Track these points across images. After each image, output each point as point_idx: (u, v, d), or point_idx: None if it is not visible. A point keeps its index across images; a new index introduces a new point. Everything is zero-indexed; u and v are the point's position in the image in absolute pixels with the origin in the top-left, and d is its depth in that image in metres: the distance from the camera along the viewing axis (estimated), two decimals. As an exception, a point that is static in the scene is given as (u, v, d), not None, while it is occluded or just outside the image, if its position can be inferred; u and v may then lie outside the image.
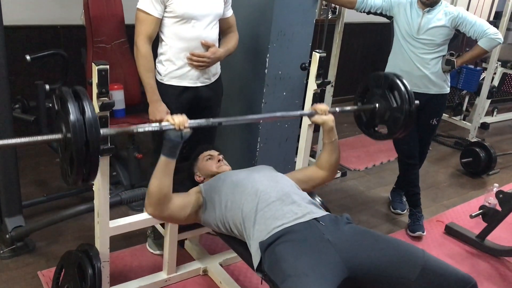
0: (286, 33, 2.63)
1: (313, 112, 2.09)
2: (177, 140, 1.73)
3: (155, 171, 1.79)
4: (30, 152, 3.58)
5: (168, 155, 1.76)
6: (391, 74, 2.19)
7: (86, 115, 1.41)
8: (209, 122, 1.89)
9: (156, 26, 2.28)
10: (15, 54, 3.35)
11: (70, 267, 2.06)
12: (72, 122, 1.38)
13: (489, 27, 2.81)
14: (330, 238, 1.70)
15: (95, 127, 1.42)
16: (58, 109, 1.49)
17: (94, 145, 1.41)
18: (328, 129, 2.09)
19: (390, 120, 2.16)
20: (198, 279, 2.48)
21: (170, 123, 1.72)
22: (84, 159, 1.41)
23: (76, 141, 1.38)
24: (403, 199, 3.42)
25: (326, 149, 2.10)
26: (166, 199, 1.81)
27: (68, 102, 1.40)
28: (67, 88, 1.47)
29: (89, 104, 1.43)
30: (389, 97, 2.15)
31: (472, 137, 4.74)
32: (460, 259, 2.90)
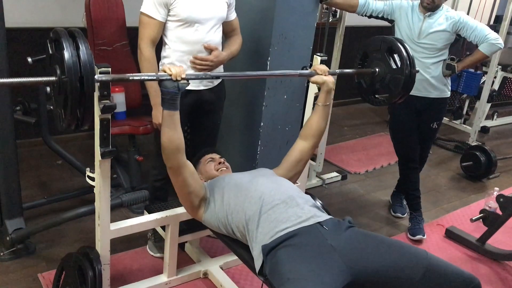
0: (287, 36, 2.63)
1: (313, 72, 2.10)
2: (174, 91, 1.74)
3: (162, 127, 1.83)
4: (31, 154, 3.58)
5: (169, 107, 1.78)
6: (390, 37, 2.19)
7: (81, 51, 1.39)
8: (207, 75, 1.91)
9: (160, 29, 2.28)
10: (17, 56, 3.35)
11: (70, 270, 2.05)
12: (67, 58, 1.36)
13: (490, 32, 2.82)
14: (332, 243, 1.70)
15: (89, 63, 1.40)
16: (52, 53, 1.47)
17: (88, 83, 1.39)
18: (327, 90, 2.10)
19: (391, 83, 2.15)
20: (199, 282, 2.48)
21: (167, 74, 1.73)
22: (79, 99, 1.39)
23: (70, 78, 1.36)
24: (403, 203, 3.42)
25: (318, 113, 2.10)
26: (179, 152, 1.85)
27: (62, 39, 1.38)
28: (62, 28, 1.46)
29: (84, 42, 1.42)
30: (389, 60, 2.15)
31: (473, 140, 4.74)
32: (461, 263, 2.89)
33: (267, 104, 2.72)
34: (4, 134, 2.39)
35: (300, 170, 2.20)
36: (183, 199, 2.02)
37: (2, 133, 2.38)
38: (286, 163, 2.18)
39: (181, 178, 1.92)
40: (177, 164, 1.87)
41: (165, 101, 1.78)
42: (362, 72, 2.24)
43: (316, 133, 2.16)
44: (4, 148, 2.41)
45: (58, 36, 1.43)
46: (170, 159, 1.87)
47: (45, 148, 3.05)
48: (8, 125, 2.40)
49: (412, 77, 2.11)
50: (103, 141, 1.81)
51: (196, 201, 1.99)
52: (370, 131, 5.04)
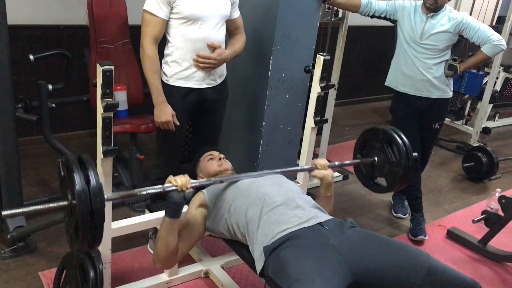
0: (290, 35, 2.63)
1: (313, 167, 2.11)
2: (180, 201, 1.75)
3: (160, 232, 1.82)
4: (32, 152, 3.58)
5: (172, 216, 1.78)
6: (389, 129, 2.22)
7: (91, 184, 1.44)
8: (211, 181, 1.96)
9: (162, 27, 2.28)
10: (19, 54, 3.35)
11: (71, 268, 2.05)
12: (77, 192, 1.41)
13: (493, 33, 2.81)
14: (334, 243, 1.69)
15: (99, 196, 1.45)
16: (64, 175, 1.52)
17: (98, 214, 1.44)
18: (327, 184, 2.11)
19: (389, 174, 2.18)
20: (200, 282, 2.47)
21: (173, 185, 1.73)
22: (89, 227, 1.44)
23: (81, 210, 1.41)
24: (404, 203, 3.42)
25: (321, 202, 2.09)
26: (174, 253, 1.85)
27: (73, 173, 1.43)
28: (73, 156, 1.50)
29: (93, 173, 1.46)
30: (388, 151, 2.18)
31: (474, 141, 4.73)
32: (462, 264, 2.89)
33: (269, 103, 2.72)
34: (6, 131, 2.39)
35: None
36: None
37: (4, 130, 2.38)
38: None
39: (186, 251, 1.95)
40: (170, 263, 1.92)
41: (169, 210, 1.78)
42: (363, 163, 2.28)
43: None
44: (6, 145, 2.41)
45: (69, 164, 1.48)
46: (163, 262, 1.88)
47: (47, 146, 3.04)
48: (10, 122, 2.40)
49: (410, 169, 2.14)
50: (105, 140, 1.81)
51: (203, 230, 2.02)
52: (372, 131, 5.02)
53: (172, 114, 2.32)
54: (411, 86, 2.96)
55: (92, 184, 1.44)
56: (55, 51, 3.17)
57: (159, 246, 1.82)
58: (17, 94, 2.73)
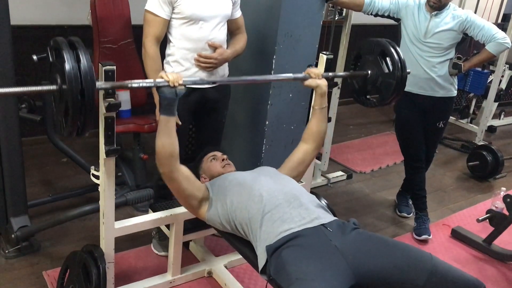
0: (293, 34, 2.62)
1: (306, 76, 2.12)
2: (171, 96, 1.76)
3: (157, 132, 1.84)
4: (36, 152, 3.59)
5: (165, 112, 1.79)
6: (384, 40, 2.20)
7: (82, 63, 1.40)
8: (204, 81, 1.94)
9: (164, 27, 2.28)
10: (22, 54, 3.35)
11: (75, 268, 2.05)
12: (67, 71, 1.37)
13: (498, 31, 2.79)
14: (337, 245, 1.69)
15: (90, 75, 1.41)
16: (52, 61, 1.48)
17: (89, 94, 1.41)
18: (321, 93, 2.12)
19: (382, 86, 2.18)
20: (203, 281, 2.47)
21: (165, 80, 1.74)
22: (79, 109, 1.41)
23: (71, 89, 1.37)
24: (409, 202, 3.40)
25: (316, 116, 2.12)
26: (172, 158, 1.85)
27: (63, 51, 1.39)
28: (62, 38, 1.47)
29: (84, 53, 1.43)
30: (381, 63, 2.17)
31: (479, 140, 4.71)
32: (467, 263, 2.87)
33: (272, 102, 2.71)
34: (10, 131, 2.39)
35: (303, 171, 2.21)
36: (182, 202, 2.03)
37: (8, 130, 2.39)
38: (289, 163, 2.18)
39: (175, 183, 1.93)
40: (169, 170, 1.88)
41: (162, 106, 1.79)
42: (355, 75, 2.26)
43: (317, 135, 2.17)
44: (10, 145, 2.42)
45: (58, 46, 1.44)
46: (162, 164, 1.87)
47: (50, 146, 3.05)
48: (14, 122, 2.40)
49: (403, 81, 2.14)
50: (108, 140, 1.81)
51: (195, 203, 1.99)
52: (376, 130, 5.02)
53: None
54: (415, 84, 2.95)
55: (83, 63, 1.41)
56: (58, 51, 3.17)
57: (157, 148, 1.84)
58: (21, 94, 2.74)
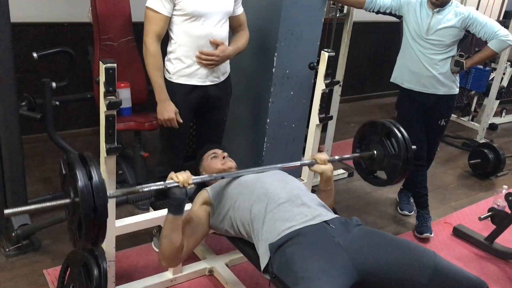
0: (294, 32, 2.61)
1: (313, 161, 2.12)
2: (182, 197, 1.76)
3: (164, 230, 1.83)
4: (36, 149, 3.58)
5: (175, 212, 1.79)
6: (388, 122, 2.21)
7: (94, 180, 1.43)
8: (212, 177, 1.96)
9: (165, 24, 2.26)
10: (22, 51, 3.35)
11: (75, 266, 2.05)
12: (80, 189, 1.40)
13: (500, 28, 2.78)
14: (340, 241, 1.68)
15: (102, 192, 1.44)
16: (65, 173, 1.52)
17: (101, 210, 1.44)
18: (326, 178, 2.11)
19: (389, 167, 2.19)
20: (204, 280, 2.46)
21: (175, 181, 1.74)
22: (93, 224, 1.44)
23: (84, 207, 1.41)
24: (410, 201, 3.40)
25: (321, 196, 2.09)
26: (179, 251, 1.85)
27: (76, 169, 1.43)
28: (75, 154, 1.50)
29: (95, 169, 1.46)
30: (387, 144, 2.18)
31: (481, 138, 4.70)
32: (468, 261, 2.87)
33: (274, 100, 2.70)
34: (10, 129, 2.39)
35: None
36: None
37: (8, 128, 2.38)
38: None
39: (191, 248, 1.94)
40: (176, 263, 1.94)
41: (172, 206, 1.79)
42: (362, 156, 2.29)
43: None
44: (10, 143, 2.41)
45: (71, 161, 1.47)
46: (169, 258, 1.87)
47: (51, 143, 3.04)
48: (14, 120, 2.40)
49: (409, 160, 2.14)
50: (108, 138, 1.80)
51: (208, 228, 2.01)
52: (377, 128, 5.00)
53: (175, 111, 2.31)
54: (417, 82, 2.93)
55: (95, 180, 1.43)
56: (58, 49, 3.17)
57: (163, 244, 1.82)
58: (21, 92, 2.73)
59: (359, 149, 2.33)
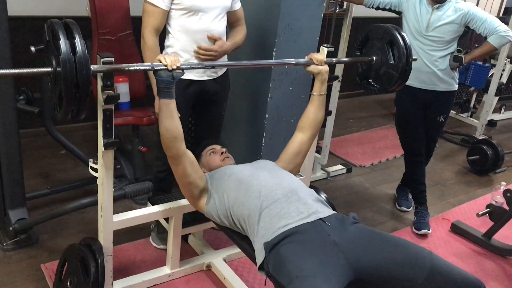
0: (293, 27, 2.60)
1: (309, 61, 2.11)
2: (168, 79, 1.77)
3: (159, 116, 1.85)
4: (34, 144, 3.57)
5: (164, 96, 1.80)
6: (393, 28, 2.18)
7: (76, 46, 1.40)
8: (202, 64, 1.97)
9: (163, 18, 2.25)
10: (20, 45, 3.33)
11: (73, 261, 2.05)
12: (62, 60, 1.37)
13: (500, 24, 2.77)
14: (336, 240, 1.67)
15: (85, 66, 1.40)
16: (49, 40, 1.47)
17: (83, 85, 1.40)
18: (322, 80, 2.12)
19: (385, 76, 2.17)
20: (202, 274, 2.47)
21: (162, 63, 1.75)
22: (73, 97, 1.41)
23: (65, 72, 1.37)
24: (408, 197, 3.40)
25: (314, 103, 2.12)
26: (177, 140, 1.86)
27: (58, 33, 1.39)
28: (58, 21, 1.46)
29: (80, 41, 1.42)
30: (388, 51, 2.15)
31: (479, 134, 4.70)
32: (466, 258, 2.87)
33: (272, 95, 2.69)
34: (7, 123, 2.38)
35: (300, 162, 2.19)
36: (183, 189, 2.01)
37: (5, 122, 2.37)
38: (286, 155, 2.17)
39: (181, 167, 1.92)
40: (176, 152, 1.88)
41: (160, 89, 1.80)
42: (360, 61, 2.26)
43: (314, 124, 2.16)
44: (7, 138, 2.40)
45: (53, 28, 1.43)
46: (169, 148, 1.88)
47: (48, 138, 3.04)
48: (11, 114, 2.39)
49: (406, 74, 2.13)
50: (106, 132, 1.79)
51: (196, 192, 1.98)
52: (376, 123, 5.01)
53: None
54: (416, 78, 2.93)
55: (78, 54, 1.39)
56: (57, 43, 3.15)
57: (161, 132, 1.85)
58: (18, 86, 2.72)
59: (360, 51, 2.32)
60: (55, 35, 1.42)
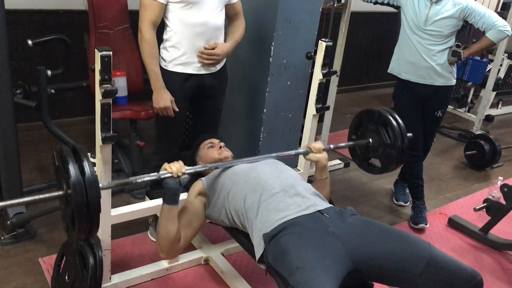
0: (291, 21, 2.59)
1: (308, 150, 2.11)
2: (176, 187, 1.76)
3: (160, 220, 1.83)
4: (31, 138, 3.56)
5: (169, 202, 1.79)
6: (385, 110, 2.21)
7: (86, 176, 1.43)
8: (206, 167, 1.95)
9: (161, 11, 2.24)
10: (17, 39, 3.32)
11: (71, 255, 2.04)
12: (73, 184, 1.40)
13: (498, 18, 2.77)
14: (334, 231, 1.68)
15: (95, 187, 1.44)
16: (58, 165, 1.51)
17: (94, 205, 1.44)
18: (321, 167, 2.11)
19: (383, 156, 2.19)
20: (200, 268, 2.47)
21: (168, 172, 1.75)
22: (85, 217, 1.44)
23: (77, 202, 1.41)
24: (406, 191, 3.40)
25: (317, 185, 2.08)
26: (176, 241, 1.84)
27: (68, 164, 1.42)
28: (67, 147, 1.49)
29: (88, 164, 1.45)
30: (383, 133, 2.18)
31: (477, 129, 4.70)
32: (463, 252, 2.88)
33: (271, 90, 2.69)
34: (5, 117, 2.37)
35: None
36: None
37: (3, 116, 2.36)
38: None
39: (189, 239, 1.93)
40: (174, 255, 1.94)
41: (167, 196, 1.79)
42: (357, 144, 2.28)
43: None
44: (5, 131, 2.39)
45: (62, 153, 1.47)
46: (169, 253, 1.88)
47: (46, 132, 3.03)
48: (9, 108, 2.38)
49: (404, 152, 2.14)
50: (104, 126, 1.79)
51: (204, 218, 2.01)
52: (374, 118, 5.00)
53: (171, 100, 2.30)
54: (414, 73, 2.93)
55: (87, 176, 1.43)
56: (54, 36, 3.14)
57: (160, 235, 1.83)
58: (16, 79, 2.71)
59: (355, 136, 2.33)
60: (64, 160, 1.46)
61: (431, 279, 1.61)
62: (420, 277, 1.61)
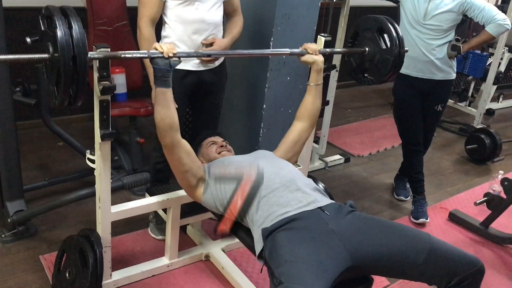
0: (290, 16, 2.58)
1: (303, 51, 2.10)
2: (165, 68, 1.75)
3: (155, 105, 1.84)
4: (32, 136, 3.56)
5: (161, 84, 1.78)
6: (381, 17, 2.18)
7: (74, 30, 1.40)
8: (199, 53, 1.97)
9: (159, 8, 2.24)
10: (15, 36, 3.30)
11: (71, 252, 2.05)
12: (59, 37, 1.36)
13: (498, 12, 2.76)
14: (334, 228, 1.68)
15: (82, 42, 1.40)
16: (44, 29, 1.47)
17: (81, 61, 1.40)
18: (318, 70, 2.11)
19: (380, 63, 2.17)
20: (200, 265, 2.47)
21: (159, 51, 1.74)
22: (71, 77, 1.40)
23: (63, 56, 1.36)
24: (406, 186, 3.40)
25: (312, 93, 2.12)
26: (172, 130, 1.84)
27: (55, 18, 1.38)
28: (54, 6, 1.46)
29: (76, 20, 1.42)
30: (379, 40, 2.16)
31: (477, 123, 4.70)
32: (464, 246, 2.88)
33: (270, 86, 2.68)
34: (4, 115, 2.37)
35: (299, 150, 2.19)
36: (179, 178, 1.99)
37: (2, 114, 2.36)
38: (284, 144, 2.16)
39: (176, 156, 1.90)
40: (171, 142, 1.87)
41: (157, 78, 1.78)
42: (353, 52, 2.25)
43: (312, 113, 2.16)
44: (4, 129, 2.39)
45: (50, 13, 1.43)
46: (163, 137, 1.86)
47: (46, 129, 3.03)
48: (8, 106, 2.37)
49: (401, 57, 2.13)
50: (103, 123, 1.79)
51: (193, 181, 1.96)
52: (374, 113, 5.00)
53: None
54: (414, 67, 2.92)
55: (75, 31, 1.40)
56: (52, 34, 3.12)
57: (156, 120, 1.84)
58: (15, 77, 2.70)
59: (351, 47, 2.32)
60: (51, 20, 1.42)
61: (434, 267, 1.62)
62: (422, 266, 1.62)
